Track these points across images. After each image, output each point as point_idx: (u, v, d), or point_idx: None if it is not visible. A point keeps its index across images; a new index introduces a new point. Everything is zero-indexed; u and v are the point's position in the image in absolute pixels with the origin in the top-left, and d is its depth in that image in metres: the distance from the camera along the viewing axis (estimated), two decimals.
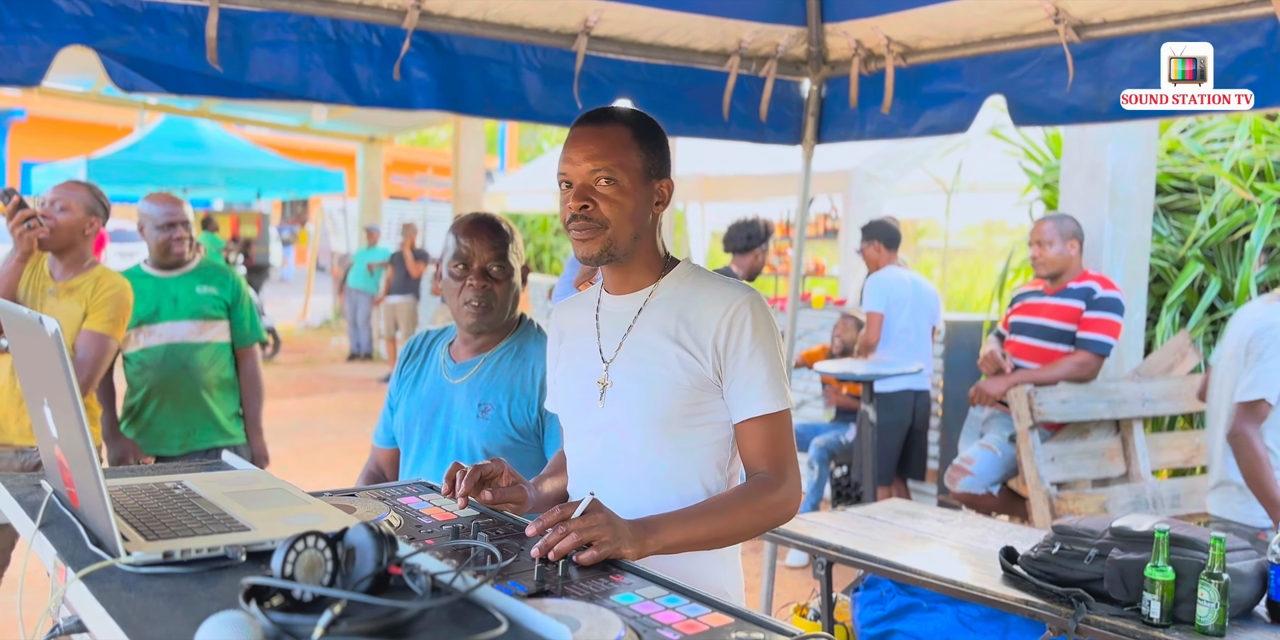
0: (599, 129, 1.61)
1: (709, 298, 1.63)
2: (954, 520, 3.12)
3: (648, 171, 1.63)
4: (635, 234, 1.62)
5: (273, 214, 20.40)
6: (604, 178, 1.59)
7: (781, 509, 1.60)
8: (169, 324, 3.35)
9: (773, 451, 1.62)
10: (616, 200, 1.59)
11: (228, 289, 3.47)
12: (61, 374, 1.20)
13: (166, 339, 3.34)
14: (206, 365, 3.40)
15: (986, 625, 2.65)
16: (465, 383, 2.19)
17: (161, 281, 3.39)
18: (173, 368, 3.35)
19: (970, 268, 12.77)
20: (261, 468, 3.34)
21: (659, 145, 1.65)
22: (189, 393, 3.37)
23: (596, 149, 1.59)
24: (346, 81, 2.84)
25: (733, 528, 1.58)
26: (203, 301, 3.40)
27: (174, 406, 3.35)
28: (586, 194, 1.59)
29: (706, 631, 1.22)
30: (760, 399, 1.60)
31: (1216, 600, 2.09)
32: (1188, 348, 4.08)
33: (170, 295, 3.37)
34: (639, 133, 1.63)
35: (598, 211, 1.59)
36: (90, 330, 3.00)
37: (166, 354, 3.34)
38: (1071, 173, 4.41)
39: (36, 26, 2.50)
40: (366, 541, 1.13)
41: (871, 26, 3.24)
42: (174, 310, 3.35)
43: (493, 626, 1.04)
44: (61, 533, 1.37)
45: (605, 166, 1.58)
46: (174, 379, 3.35)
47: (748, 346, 1.60)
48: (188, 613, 1.07)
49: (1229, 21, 2.59)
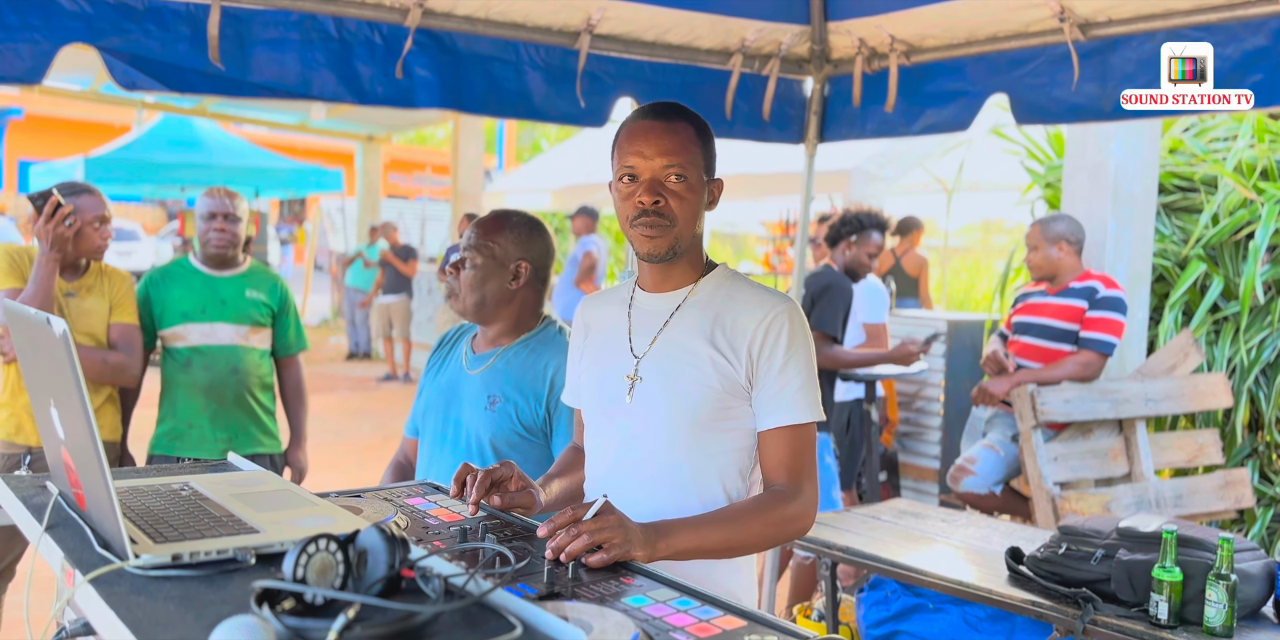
0: (669, 124, 1.59)
1: (746, 303, 1.62)
2: (958, 520, 3.12)
3: (707, 170, 1.63)
4: (695, 232, 1.62)
5: (271, 213, 20.36)
6: (675, 173, 1.57)
7: (795, 523, 1.59)
8: (217, 325, 3.26)
9: (793, 464, 1.60)
10: (686, 197, 1.58)
11: (275, 296, 3.40)
12: (70, 375, 1.19)
13: (215, 340, 3.26)
14: (252, 370, 3.32)
15: (992, 626, 2.64)
16: (480, 374, 2.22)
17: (211, 280, 3.32)
18: (220, 369, 3.26)
19: (969, 267, 12.77)
20: (297, 482, 3.35)
21: (712, 147, 1.65)
22: (235, 396, 3.28)
23: (671, 144, 1.57)
24: (349, 80, 2.83)
25: (744, 538, 1.56)
26: (252, 306, 3.33)
27: (218, 410, 3.26)
28: (658, 189, 1.57)
29: (719, 634, 1.21)
30: (789, 409, 1.59)
31: (1224, 601, 2.09)
32: (1190, 347, 4.08)
33: (219, 296, 3.29)
34: (701, 132, 1.62)
35: (669, 207, 1.57)
36: (122, 323, 3.08)
37: (215, 355, 3.25)
38: (1074, 172, 4.41)
39: (37, 25, 2.49)
40: (379, 544, 1.12)
41: (875, 25, 3.23)
42: (222, 311, 3.27)
43: (507, 630, 1.03)
44: (69, 535, 1.35)
45: (678, 162, 1.57)
46: (221, 381, 3.26)
47: (782, 355, 1.58)
48: (198, 616, 1.05)
49: (1235, 20, 2.58)
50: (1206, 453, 4.10)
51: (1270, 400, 4.33)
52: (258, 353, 3.35)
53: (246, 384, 3.30)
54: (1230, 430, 4.35)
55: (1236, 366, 4.36)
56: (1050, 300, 3.98)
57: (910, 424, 5.56)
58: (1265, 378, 4.38)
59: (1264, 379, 4.38)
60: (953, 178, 8.26)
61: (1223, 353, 4.38)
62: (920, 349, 4.34)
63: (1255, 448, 4.44)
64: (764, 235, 9.80)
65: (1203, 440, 4.12)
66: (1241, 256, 4.46)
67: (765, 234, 9.66)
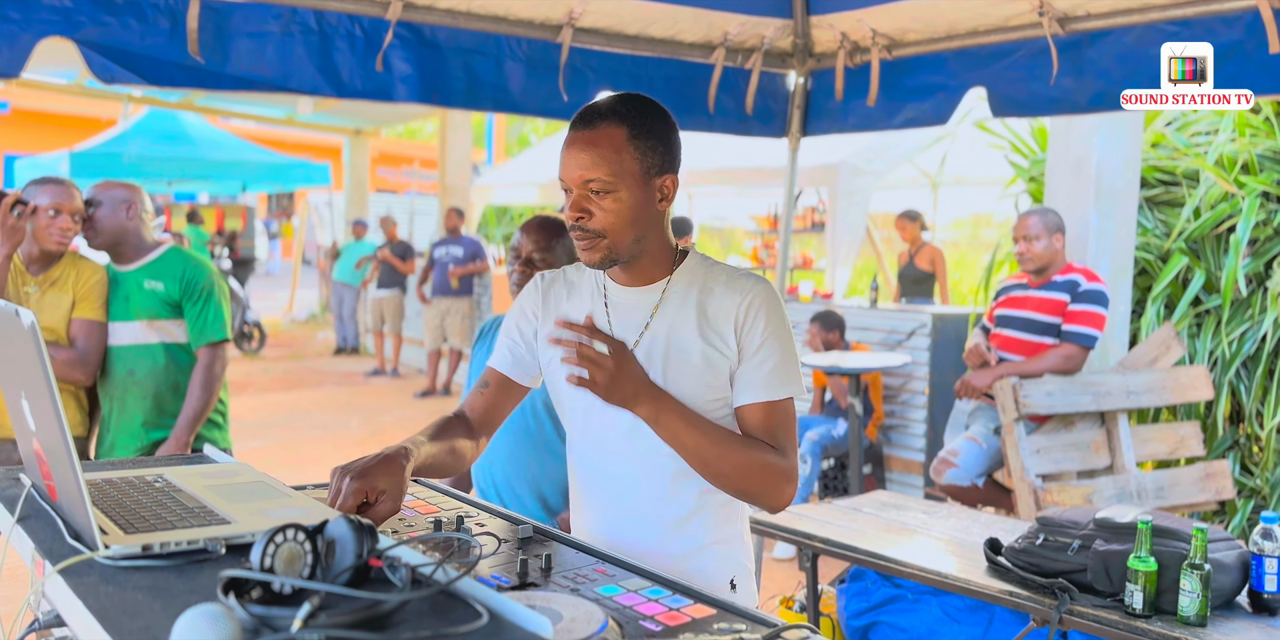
0: (591, 134, 1.54)
1: (725, 290, 1.60)
2: (939, 512, 3.13)
3: (646, 171, 1.55)
4: (637, 236, 1.57)
5: (258, 207, 20.29)
6: (598, 189, 1.52)
7: (774, 476, 1.55)
8: (117, 325, 3.06)
9: (775, 432, 1.58)
10: (613, 209, 1.53)
11: (178, 284, 3.09)
12: (38, 367, 1.19)
13: (115, 341, 3.06)
14: (155, 370, 3.07)
15: (971, 616, 2.66)
16: None
17: (117, 276, 3.11)
18: (117, 372, 3.06)
19: (957, 261, 12.80)
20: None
21: (660, 141, 1.56)
22: (134, 399, 3.06)
23: (589, 157, 1.52)
24: (328, 73, 2.83)
25: (720, 458, 1.53)
26: (149, 299, 3.07)
27: (119, 416, 3.08)
28: (583, 204, 1.54)
29: (689, 622, 1.22)
30: (764, 385, 1.57)
31: (1198, 590, 2.10)
32: (1172, 340, 4.10)
33: (123, 293, 3.08)
34: (635, 131, 1.54)
35: (594, 222, 1.54)
36: (83, 318, 2.99)
37: (112, 357, 3.06)
38: (1057, 166, 4.43)
39: (15, 17, 2.48)
40: (347, 534, 1.12)
41: (857, 19, 3.24)
42: (125, 309, 3.06)
43: (473, 618, 1.03)
44: (40, 526, 1.36)
45: (598, 177, 1.52)
46: (119, 385, 3.06)
47: (760, 334, 1.57)
48: (166, 606, 1.06)
49: (1210, 14, 2.60)
50: (1188, 445, 4.13)
51: (1251, 393, 4.37)
52: (160, 348, 3.06)
53: (147, 386, 3.03)
54: (1211, 422, 4.38)
55: (1218, 359, 4.39)
56: (1032, 293, 4.00)
57: (895, 417, 5.58)
58: (1246, 370, 4.41)
59: (1245, 372, 4.41)
60: (937, 171, 8.29)
61: (1204, 346, 4.41)
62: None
63: (1236, 440, 4.47)
64: (753, 230, 9.80)
65: (1184, 432, 4.15)
66: (1223, 250, 4.49)
67: (754, 228, 9.66)
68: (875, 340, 5.65)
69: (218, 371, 3.07)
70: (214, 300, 3.09)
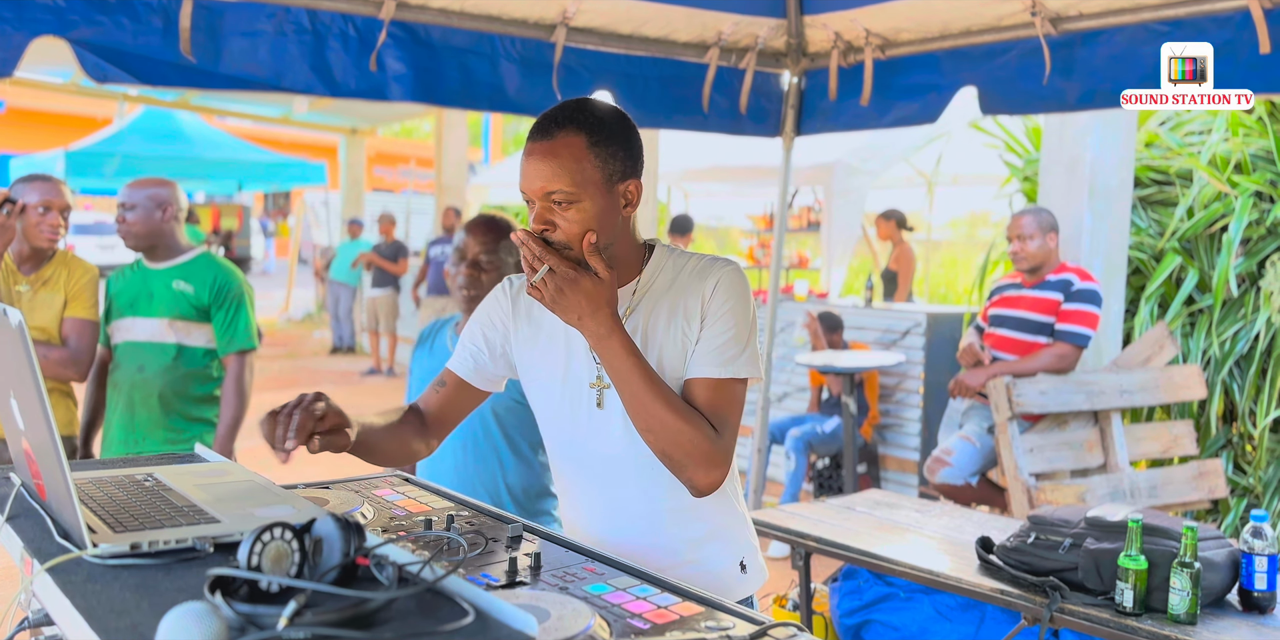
0: (550, 144, 1.50)
1: (693, 277, 1.59)
2: (932, 511, 3.14)
3: (608, 179, 1.52)
4: (605, 244, 1.54)
5: (254, 206, 20.29)
6: (560, 200, 1.50)
7: (702, 453, 1.51)
8: (136, 320, 3.08)
9: (717, 411, 1.54)
10: (577, 220, 1.50)
11: (209, 289, 3.12)
12: (26, 366, 1.19)
13: (131, 336, 3.09)
14: (168, 370, 3.07)
15: (962, 614, 2.67)
16: None
17: (146, 273, 3.15)
18: (128, 368, 3.08)
19: (953, 260, 12.82)
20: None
21: (621, 146, 1.53)
22: (142, 397, 3.06)
23: (549, 168, 1.49)
24: (322, 72, 2.83)
25: (652, 409, 1.49)
26: (176, 299, 3.09)
27: (124, 412, 3.08)
28: (546, 216, 1.51)
29: (677, 621, 1.23)
30: (713, 360, 1.54)
31: (1188, 589, 2.11)
32: (1165, 339, 4.11)
33: (148, 289, 3.10)
34: (594, 139, 1.51)
35: (559, 234, 1.51)
36: (75, 317, 2.99)
37: (125, 352, 3.08)
38: (1051, 165, 4.43)
39: (8, 16, 2.48)
40: (333, 533, 1.12)
41: (850, 18, 3.25)
42: (148, 306, 3.09)
43: (460, 617, 1.04)
44: (29, 525, 1.36)
45: (560, 188, 1.48)
46: (129, 381, 3.07)
47: (716, 311, 1.56)
48: (154, 604, 1.06)
49: (1202, 14, 2.61)
50: (1181, 444, 4.14)
51: (1244, 392, 4.38)
52: (176, 350, 3.05)
53: (156, 385, 3.03)
54: (1204, 421, 4.39)
55: (1211, 358, 4.40)
56: (1026, 293, 4.01)
57: (890, 416, 5.59)
58: (1239, 369, 4.42)
59: (1238, 371, 4.42)
60: (933, 171, 8.29)
61: (1197, 345, 4.42)
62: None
63: (1229, 439, 4.48)
64: (749, 229, 9.80)
65: (1177, 431, 4.16)
66: (1216, 249, 4.50)
67: (750, 227, 9.66)
68: (870, 339, 5.66)
69: (248, 379, 3.10)
70: (244, 308, 3.10)
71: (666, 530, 1.63)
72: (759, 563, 1.72)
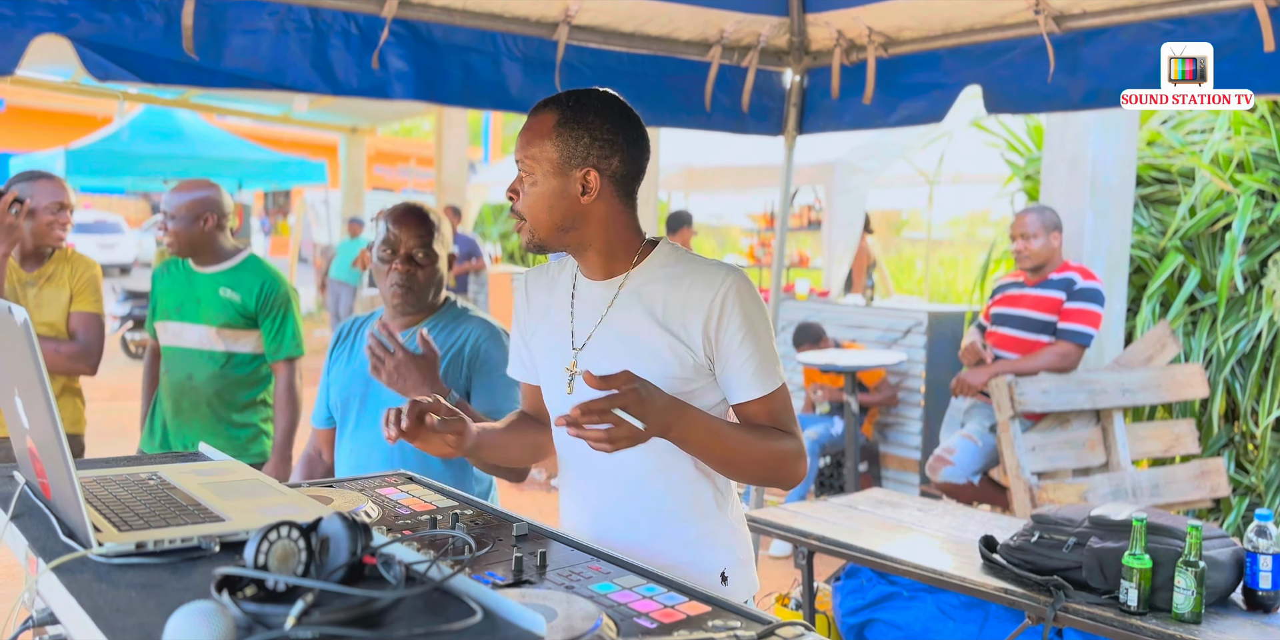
0: (531, 119, 1.58)
1: (694, 281, 1.57)
2: (934, 510, 3.13)
3: (566, 161, 1.54)
4: (561, 227, 1.56)
5: (254, 205, 20.26)
6: (520, 170, 1.58)
7: (790, 460, 1.57)
8: (185, 325, 3.07)
9: (779, 418, 1.59)
10: (530, 193, 1.56)
11: (256, 296, 3.09)
12: (31, 363, 1.19)
13: (180, 341, 3.08)
14: (216, 377, 3.07)
15: (966, 613, 2.66)
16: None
17: (194, 276, 3.11)
18: (177, 373, 3.08)
19: (954, 259, 12.82)
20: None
21: (590, 133, 1.54)
22: (191, 404, 3.08)
23: (522, 139, 1.57)
24: (324, 70, 2.82)
25: (745, 457, 1.54)
26: (223, 306, 3.06)
27: (174, 417, 3.10)
28: (515, 184, 1.59)
29: (683, 620, 1.22)
30: (758, 382, 1.57)
31: (1193, 588, 2.11)
32: (1168, 338, 4.10)
33: (196, 294, 3.07)
34: (563, 119, 1.54)
35: (519, 204, 1.58)
36: (82, 311, 3.01)
37: (174, 358, 3.08)
38: (1053, 164, 4.43)
39: (9, 14, 2.47)
40: (340, 531, 1.12)
41: (853, 17, 3.24)
42: (195, 311, 3.06)
43: (467, 616, 1.03)
44: (34, 524, 1.35)
45: (522, 159, 1.57)
46: (178, 386, 3.08)
47: (738, 330, 1.55)
48: (160, 603, 1.06)
49: (1206, 13, 2.60)
50: (1183, 442, 4.14)
51: (1246, 390, 4.37)
52: (225, 357, 3.05)
53: (205, 392, 3.04)
54: (1207, 420, 4.39)
55: (1213, 357, 4.39)
56: (1028, 292, 4.00)
57: (891, 414, 5.58)
58: (1241, 368, 4.41)
59: (1240, 369, 4.42)
60: (934, 170, 8.28)
61: (1199, 343, 4.41)
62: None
63: (1231, 437, 4.48)
64: (749, 227, 9.80)
65: (1179, 430, 4.15)
66: (1218, 248, 4.49)
67: (751, 226, 9.65)
68: (871, 338, 5.66)
69: (299, 386, 3.10)
70: (291, 315, 3.09)
71: (651, 530, 1.63)
72: (747, 576, 1.70)
